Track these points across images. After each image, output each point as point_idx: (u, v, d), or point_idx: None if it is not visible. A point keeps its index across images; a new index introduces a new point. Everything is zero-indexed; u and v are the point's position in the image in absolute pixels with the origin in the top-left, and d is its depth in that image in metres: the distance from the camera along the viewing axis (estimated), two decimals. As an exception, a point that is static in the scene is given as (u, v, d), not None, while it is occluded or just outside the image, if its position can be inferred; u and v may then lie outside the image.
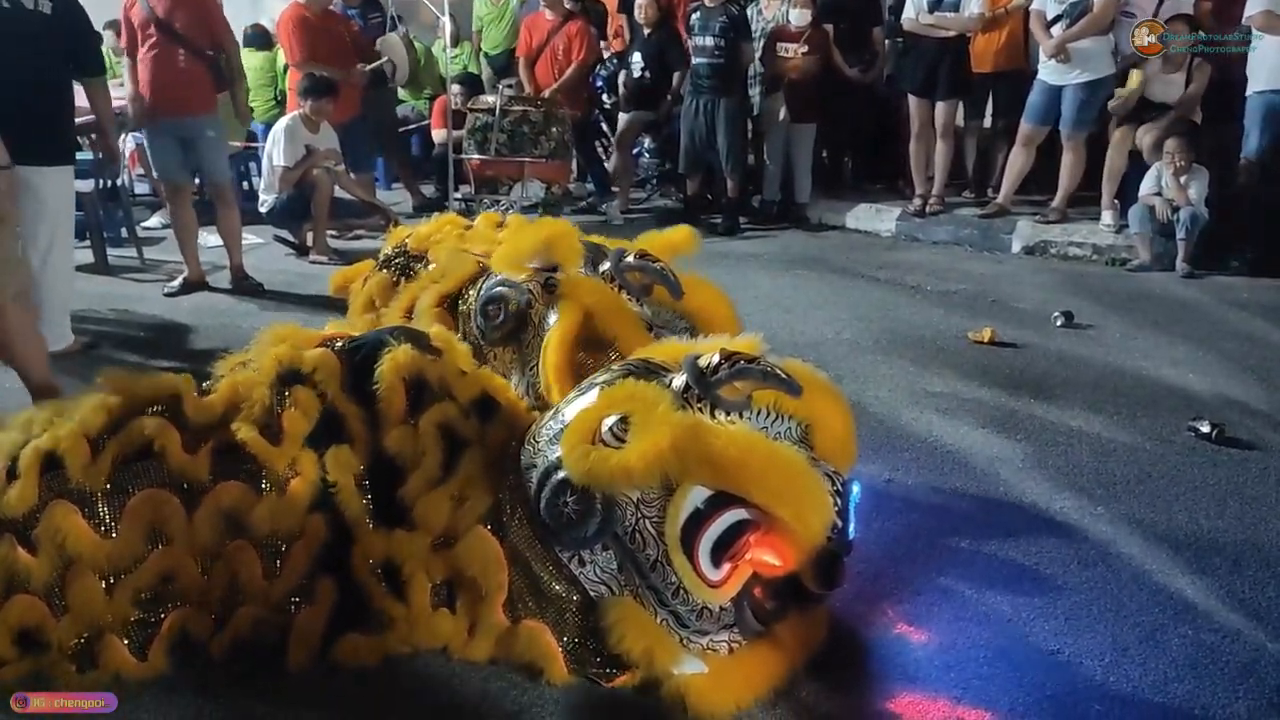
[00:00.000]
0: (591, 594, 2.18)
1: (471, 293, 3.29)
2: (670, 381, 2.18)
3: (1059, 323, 4.99)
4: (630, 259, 3.11)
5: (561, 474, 2.10)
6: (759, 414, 2.20)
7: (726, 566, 2.08)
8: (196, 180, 6.08)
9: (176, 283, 5.59)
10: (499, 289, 3.16)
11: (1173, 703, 2.20)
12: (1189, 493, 3.19)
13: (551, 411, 2.31)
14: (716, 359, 2.16)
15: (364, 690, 2.18)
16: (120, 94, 5.60)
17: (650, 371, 2.24)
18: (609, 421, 2.08)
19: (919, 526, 2.96)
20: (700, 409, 2.12)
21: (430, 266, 3.61)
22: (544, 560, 2.21)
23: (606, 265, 3.17)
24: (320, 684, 2.20)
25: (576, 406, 2.20)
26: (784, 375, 2.15)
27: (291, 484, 2.28)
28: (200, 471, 2.25)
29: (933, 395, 4.03)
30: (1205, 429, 3.59)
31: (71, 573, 2.17)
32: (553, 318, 2.99)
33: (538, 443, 2.24)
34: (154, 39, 5.27)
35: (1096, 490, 3.21)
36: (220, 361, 2.51)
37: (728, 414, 2.14)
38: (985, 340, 4.69)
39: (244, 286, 5.63)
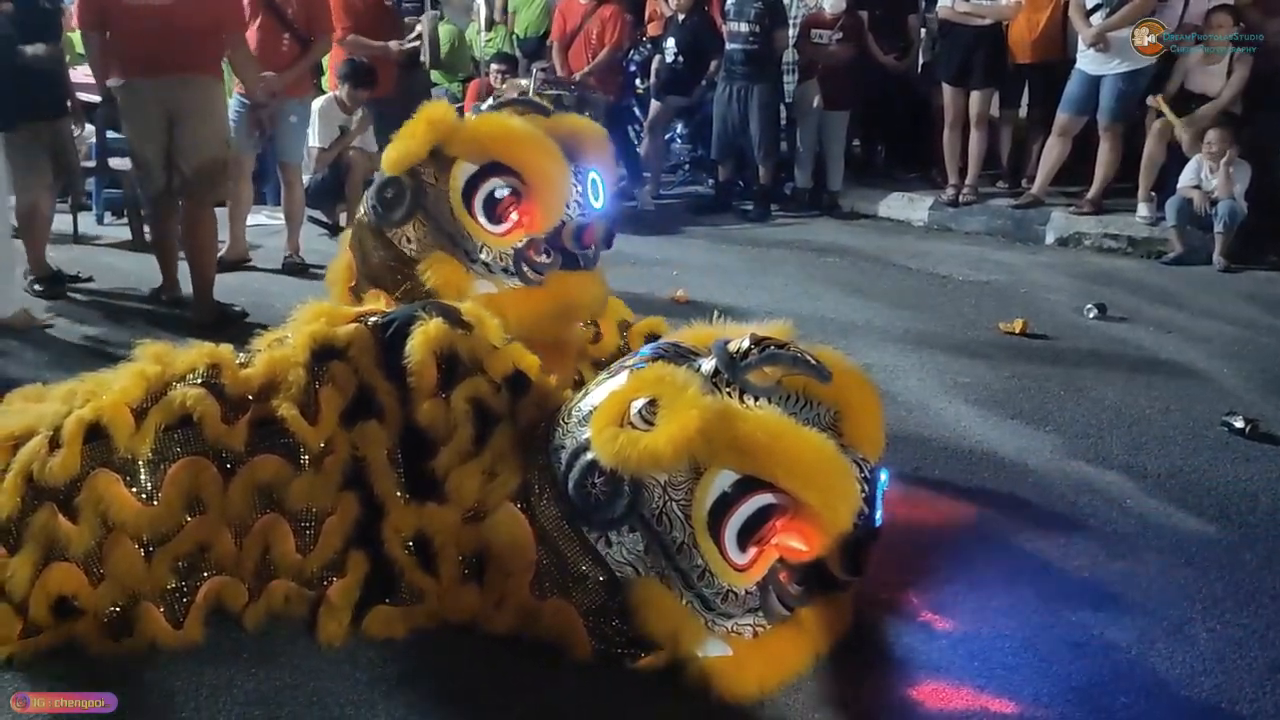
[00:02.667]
0: (618, 575, 2.19)
1: None
2: (699, 366, 2.19)
3: (1092, 315, 4.95)
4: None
5: (590, 455, 2.12)
6: (788, 399, 2.21)
7: (753, 551, 2.09)
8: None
9: None
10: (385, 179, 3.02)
11: (1199, 696, 2.19)
12: (1220, 487, 3.17)
13: (581, 393, 2.33)
14: (746, 344, 2.17)
15: (391, 663, 2.21)
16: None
17: (680, 355, 2.25)
18: (638, 404, 2.09)
19: (946, 515, 2.95)
20: (729, 393, 2.12)
21: None
22: (571, 540, 2.22)
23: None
24: (349, 656, 2.23)
25: (606, 388, 2.22)
26: (814, 361, 2.16)
27: (325, 460, 2.31)
28: (237, 442, 2.29)
29: (963, 385, 4.02)
30: (1239, 424, 3.56)
31: (111, 540, 2.21)
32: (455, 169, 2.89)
33: (567, 423, 2.26)
34: (261, 20, 5.40)
35: (1126, 483, 3.19)
36: (258, 338, 2.54)
37: (756, 399, 2.14)
38: (1017, 331, 4.66)
39: (291, 265, 5.70)
